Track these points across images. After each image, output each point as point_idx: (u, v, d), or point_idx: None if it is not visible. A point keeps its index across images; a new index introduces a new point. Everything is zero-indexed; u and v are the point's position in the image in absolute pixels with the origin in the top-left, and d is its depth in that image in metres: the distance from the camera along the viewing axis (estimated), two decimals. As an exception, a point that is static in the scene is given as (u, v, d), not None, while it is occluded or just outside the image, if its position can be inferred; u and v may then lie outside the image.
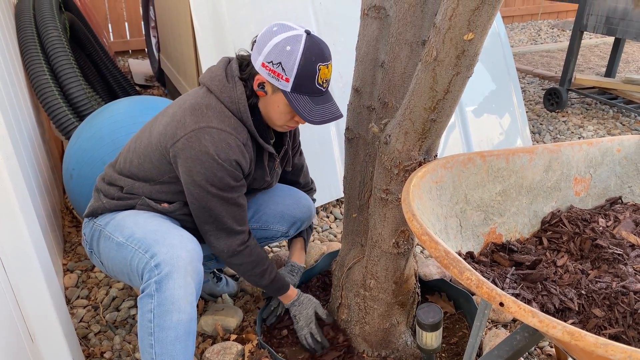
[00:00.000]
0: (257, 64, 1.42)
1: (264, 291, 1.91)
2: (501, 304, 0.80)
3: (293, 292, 1.77)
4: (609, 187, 1.60)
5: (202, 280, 1.42)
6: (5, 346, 1.16)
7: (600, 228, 1.44)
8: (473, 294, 1.97)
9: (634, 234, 1.41)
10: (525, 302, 1.16)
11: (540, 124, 3.94)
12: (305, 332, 1.73)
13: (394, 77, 1.55)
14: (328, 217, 2.67)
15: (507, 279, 1.19)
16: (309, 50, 1.38)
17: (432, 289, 2.04)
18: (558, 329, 0.74)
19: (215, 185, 1.43)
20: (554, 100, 4.16)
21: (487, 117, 3.26)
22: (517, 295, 1.16)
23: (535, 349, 1.80)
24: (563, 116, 4.08)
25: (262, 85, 1.44)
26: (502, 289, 1.16)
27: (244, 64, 1.48)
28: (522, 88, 4.78)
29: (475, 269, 1.23)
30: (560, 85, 4.12)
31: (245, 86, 1.47)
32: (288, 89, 1.40)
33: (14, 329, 1.26)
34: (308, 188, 2.02)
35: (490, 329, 1.88)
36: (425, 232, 0.95)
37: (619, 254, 1.30)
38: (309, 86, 1.40)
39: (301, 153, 1.93)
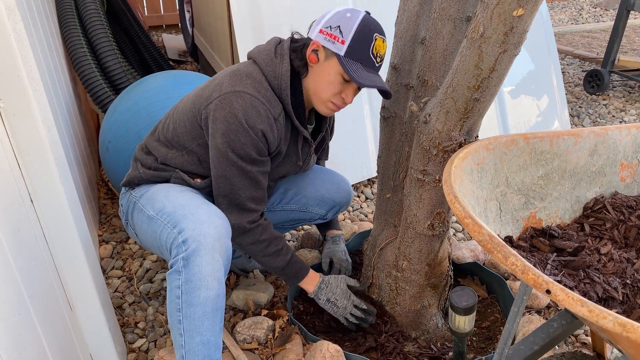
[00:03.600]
0: (314, 32, 1.45)
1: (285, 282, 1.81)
2: (548, 292, 0.77)
3: (315, 275, 1.70)
4: (656, 174, 1.54)
5: (231, 257, 1.41)
6: (46, 314, 1.19)
7: (647, 216, 1.38)
8: (507, 278, 1.94)
9: (683, 223, 1.35)
10: (566, 290, 1.13)
11: (580, 106, 3.82)
12: (349, 310, 1.67)
13: (435, 55, 1.50)
14: (359, 196, 2.65)
15: (549, 265, 1.16)
16: (368, 21, 1.42)
17: (465, 272, 2.01)
18: (609, 319, 0.71)
19: (236, 152, 1.42)
20: (594, 82, 4.02)
21: (524, 98, 3.17)
22: (558, 282, 1.12)
23: (569, 337, 1.77)
24: (604, 99, 3.94)
25: (315, 51, 1.45)
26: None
27: (300, 41, 1.51)
28: (561, 69, 4.63)
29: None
30: (602, 67, 3.97)
31: (295, 58, 1.48)
32: (342, 52, 1.40)
33: (54, 297, 1.29)
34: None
35: (524, 314, 1.85)
36: (469, 215, 0.92)
37: (666, 244, 1.25)
38: (363, 52, 1.41)
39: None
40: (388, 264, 1.72)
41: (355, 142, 2.66)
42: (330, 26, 1.41)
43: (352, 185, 2.68)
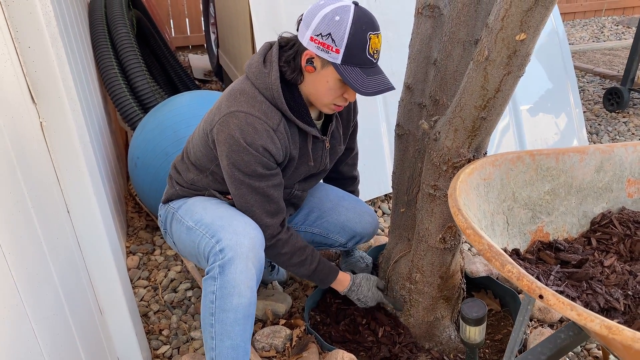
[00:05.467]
0: (305, 39, 1.38)
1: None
2: (540, 297, 0.83)
3: (345, 276, 1.73)
4: (664, 190, 1.57)
5: (263, 267, 1.47)
6: (80, 316, 1.28)
7: (653, 231, 1.42)
8: (519, 292, 1.98)
9: (689, 238, 1.39)
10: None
11: (599, 124, 3.83)
12: (375, 292, 1.75)
13: (446, 75, 1.58)
14: (376, 211, 2.71)
15: (552, 276, 1.21)
16: (359, 19, 1.34)
17: (478, 286, 2.05)
18: (596, 322, 0.77)
19: (242, 171, 1.44)
20: (614, 100, 4.02)
21: (542, 116, 3.21)
22: (561, 293, 1.17)
23: (582, 351, 1.79)
24: (624, 117, 3.95)
25: (310, 60, 1.40)
26: (546, 285, 1.18)
27: (289, 44, 1.45)
28: (581, 87, 4.64)
29: (520, 266, 1.26)
30: (621, 84, 3.98)
31: (288, 68, 1.44)
32: (338, 61, 1.35)
33: (86, 303, 1.39)
34: (351, 176, 2.01)
35: (535, 327, 1.88)
36: (470, 226, 0.99)
37: (670, 257, 1.29)
38: (360, 56, 1.36)
39: (356, 136, 1.90)
40: (402, 277, 1.78)
41: (373, 158, 2.73)
42: (321, 34, 1.34)
43: (369, 201, 2.75)
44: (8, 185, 0.96)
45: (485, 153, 1.49)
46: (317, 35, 1.36)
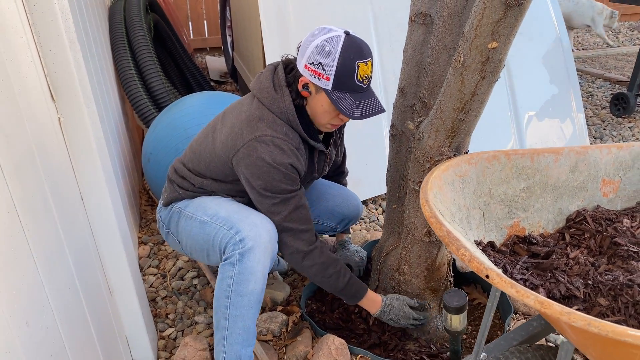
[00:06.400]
0: (300, 66, 1.53)
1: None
2: (487, 276, 0.94)
3: (376, 296, 1.78)
4: (639, 190, 1.66)
5: (274, 259, 1.60)
6: (91, 295, 1.42)
7: (624, 228, 1.51)
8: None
9: (657, 235, 1.48)
10: (532, 287, 1.28)
11: (604, 129, 3.88)
12: (408, 324, 1.80)
13: (434, 79, 1.69)
14: (377, 209, 2.83)
15: (518, 265, 1.31)
16: (347, 50, 1.46)
17: (468, 280, 2.15)
18: (531, 298, 0.87)
19: (272, 192, 1.55)
20: (620, 105, 4.07)
21: (543, 122, 3.28)
22: (525, 281, 1.28)
23: None
24: (630, 122, 3.99)
25: (306, 86, 1.54)
26: (511, 274, 1.29)
27: (289, 67, 1.59)
28: (590, 92, 4.69)
29: (493, 257, 1.36)
30: (628, 90, 4.02)
31: (291, 90, 1.57)
32: (329, 87, 1.49)
33: (97, 282, 1.53)
34: (341, 171, 2.17)
35: (520, 320, 1.97)
36: (434, 215, 1.10)
37: (634, 251, 1.38)
38: (348, 83, 1.49)
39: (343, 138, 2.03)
40: (392, 268, 1.89)
41: (374, 159, 2.84)
42: (313, 62, 1.48)
43: (371, 199, 2.86)
44: (29, 171, 1.10)
45: (467, 152, 1.60)
46: (310, 64, 1.49)
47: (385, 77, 2.93)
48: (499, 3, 1.24)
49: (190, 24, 6.20)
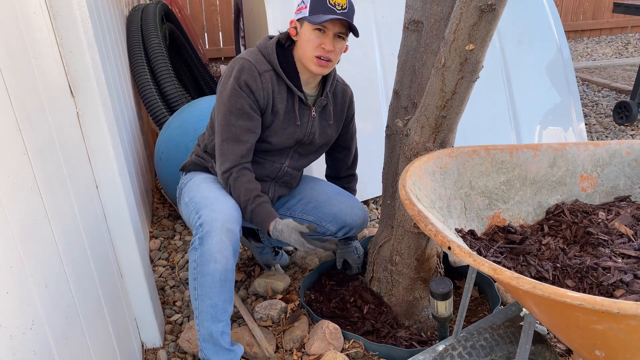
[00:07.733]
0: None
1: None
2: (449, 248, 1.05)
3: (272, 222, 1.76)
4: (617, 187, 1.75)
5: (239, 239, 1.70)
6: (104, 277, 1.56)
7: (599, 220, 1.60)
8: (495, 280, 2.16)
9: (629, 227, 1.57)
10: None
11: (606, 136, 3.95)
12: (296, 237, 1.70)
13: (422, 81, 1.81)
14: (377, 209, 2.94)
15: (492, 249, 1.42)
16: None
17: (460, 275, 2.25)
18: (485, 266, 0.99)
19: (223, 98, 1.77)
20: (623, 113, 4.14)
21: (543, 131, 3.38)
22: (498, 262, 1.38)
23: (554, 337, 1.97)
24: (632, 130, 4.06)
25: (294, 27, 1.79)
26: (485, 256, 1.39)
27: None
28: (595, 101, 4.76)
29: (469, 242, 1.47)
30: (631, 98, 4.09)
31: (282, 38, 1.83)
32: (307, 14, 1.71)
33: (109, 265, 1.67)
34: (351, 174, 2.26)
35: (507, 312, 2.06)
36: (408, 198, 1.22)
37: (604, 240, 1.47)
38: (321, 6, 1.69)
39: (354, 136, 2.18)
40: (385, 259, 2.00)
41: (378, 160, 2.95)
42: (299, 4, 1.77)
43: (373, 198, 2.98)
44: (51, 155, 1.24)
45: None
46: (297, 7, 1.78)
47: (386, 82, 3.06)
48: (474, 8, 1.37)
49: (205, 34, 6.40)
